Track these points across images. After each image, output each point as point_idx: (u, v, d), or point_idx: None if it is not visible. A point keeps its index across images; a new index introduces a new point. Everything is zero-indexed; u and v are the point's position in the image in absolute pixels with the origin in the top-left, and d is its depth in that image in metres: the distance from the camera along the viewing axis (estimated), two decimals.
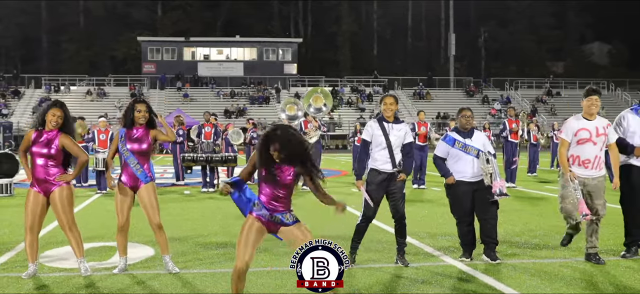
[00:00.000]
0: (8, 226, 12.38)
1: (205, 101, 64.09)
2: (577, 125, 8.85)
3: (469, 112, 9.17)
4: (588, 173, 8.79)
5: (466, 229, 9.12)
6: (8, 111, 59.26)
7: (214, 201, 16.60)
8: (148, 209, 8.29)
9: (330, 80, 71.41)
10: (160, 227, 8.34)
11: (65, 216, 8.12)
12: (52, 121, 8.08)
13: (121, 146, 8.33)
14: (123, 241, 8.38)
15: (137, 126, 8.38)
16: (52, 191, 8.11)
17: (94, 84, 67.35)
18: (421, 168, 20.17)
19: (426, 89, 69.84)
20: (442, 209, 14.49)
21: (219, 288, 7.56)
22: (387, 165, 8.59)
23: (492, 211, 9.02)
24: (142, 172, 8.29)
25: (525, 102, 66.31)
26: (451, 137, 9.17)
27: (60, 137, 8.12)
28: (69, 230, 8.16)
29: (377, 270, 8.48)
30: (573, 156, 8.85)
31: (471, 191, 8.98)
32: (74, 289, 7.57)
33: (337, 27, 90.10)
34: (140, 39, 75.34)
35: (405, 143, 8.73)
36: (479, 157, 8.90)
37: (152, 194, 8.31)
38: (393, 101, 8.75)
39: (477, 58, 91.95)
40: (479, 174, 8.90)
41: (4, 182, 18.22)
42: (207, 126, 20.17)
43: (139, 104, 8.45)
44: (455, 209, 9.23)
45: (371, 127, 8.76)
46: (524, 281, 7.92)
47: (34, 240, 8.11)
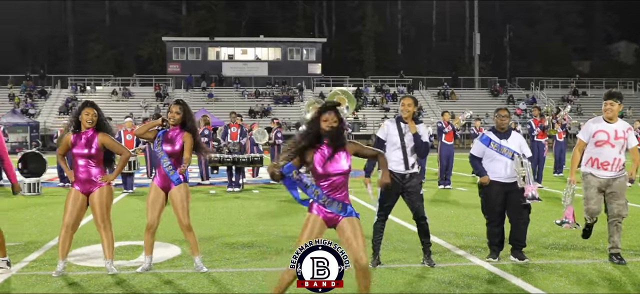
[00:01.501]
0: (36, 225, 12.49)
1: (229, 100, 64.24)
2: (595, 127, 8.85)
3: (504, 111, 9.15)
4: (608, 174, 8.76)
5: (496, 229, 9.08)
6: (35, 110, 59.75)
7: (239, 201, 16.65)
8: (178, 210, 8.33)
9: (354, 80, 71.32)
10: (190, 229, 8.39)
11: (103, 217, 8.22)
12: (87, 120, 8.18)
13: (157, 147, 8.38)
14: (150, 240, 8.43)
15: (172, 127, 8.42)
16: (93, 190, 8.21)
17: (119, 84, 67.70)
18: (448, 168, 20.10)
19: (451, 89, 69.53)
20: (468, 210, 14.46)
21: (245, 288, 7.57)
22: (400, 166, 8.56)
23: (524, 215, 8.98)
24: (174, 174, 8.34)
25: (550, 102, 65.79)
26: (487, 136, 9.16)
27: (99, 137, 8.24)
28: (103, 230, 8.25)
29: (404, 270, 8.47)
30: (592, 158, 8.84)
31: (504, 192, 8.94)
32: (103, 288, 7.62)
33: (361, 26, 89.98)
34: (165, 39, 75.62)
35: (423, 141, 8.70)
36: (513, 158, 8.86)
37: (183, 196, 8.35)
38: (411, 102, 8.73)
39: (502, 57, 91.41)
40: (512, 175, 8.85)
41: (32, 182, 18.37)
42: (233, 127, 20.20)
43: (173, 105, 8.48)
44: (486, 209, 9.19)
45: (387, 127, 8.74)
46: (551, 281, 7.87)
47: (68, 238, 8.19)
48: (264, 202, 16.50)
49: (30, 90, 64.11)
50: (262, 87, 68.19)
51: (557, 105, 63.56)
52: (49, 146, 42.37)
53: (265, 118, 56.60)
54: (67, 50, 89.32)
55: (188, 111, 8.54)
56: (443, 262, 8.91)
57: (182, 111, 8.43)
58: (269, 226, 12.40)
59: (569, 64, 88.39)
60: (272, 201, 16.72)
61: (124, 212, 14.26)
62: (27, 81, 65.88)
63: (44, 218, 13.41)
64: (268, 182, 22.07)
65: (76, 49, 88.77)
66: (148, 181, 21.55)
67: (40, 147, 21.57)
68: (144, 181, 21.70)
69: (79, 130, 8.25)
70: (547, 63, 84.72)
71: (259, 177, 23.82)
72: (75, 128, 8.26)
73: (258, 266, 8.68)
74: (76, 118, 8.25)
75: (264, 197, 17.68)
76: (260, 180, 22.91)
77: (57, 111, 59.16)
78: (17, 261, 8.94)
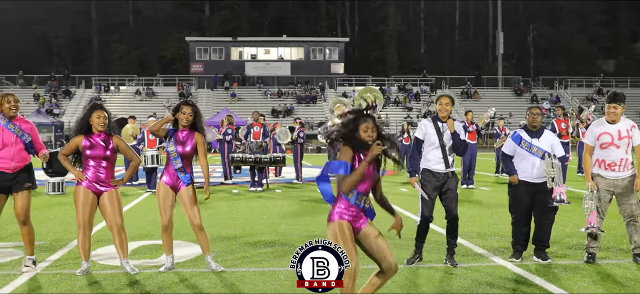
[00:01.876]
0: (60, 224, 12.59)
1: (252, 100, 64.39)
2: (598, 130, 8.83)
3: (536, 110, 9.11)
4: (616, 175, 8.73)
5: (521, 229, 9.03)
6: (59, 110, 60.25)
7: (262, 201, 16.68)
8: (188, 210, 8.37)
9: (377, 79, 71.22)
10: (201, 228, 8.41)
11: (115, 218, 8.26)
12: (100, 124, 8.23)
13: (169, 147, 8.40)
14: (168, 240, 8.46)
15: (182, 128, 8.45)
16: (103, 192, 8.26)
17: (142, 84, 68.06)
18: (470, 168, 20.02)
19: (474, 88, 69.26)
20: (491, 209, 14.39)
21: (268, 287, 7.58)
22: (440, 165, 8.56)
23: (549, 216, 8.95)
24: (185, 175, 8.37)
25: (574, 101, 65.43)
26: (518, 134, 9.14)
27: (115, 139, 8.33)
28: (116, 231, 8.29)
29: (427, 270, 8.45)
30: (599, 160, 8.82)
31: (532, 192, 8.91)
32: (124, 287, 7.65)
33: (384, 26, 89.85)
34: (188, 39, 75.90)
35: (462, 139, 8.70)
36: (544, 158, 8.81)
37: (192, 195, 8.38)
38: (449, 101, 8.73)
39: (526, 56, 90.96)
40: (541, 175, 8.81)
41: (56, 181, 18.49)
42: (256, 126, 20.22)
43: (185, 105, 8.49)
44: (513, 207, 9.16)
45: (425, 126, 8.73)
46: (575, 282, 7.82)
47: (87, 239, 8.24)
48: (286, 201, 16.52)
49: (55, 90, 64.62)
50: (284, 87, 68.28)
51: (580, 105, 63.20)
52: None
53: (287, 118, 56.68)
54: (92, 51, 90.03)
55: (199, 112, 8.57)
56: (466, 262, 8.88)
57: (193, 112, 8.44)
58: (291, 225, 12.41)
59: (593, 62, 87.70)
60: (294, 200, 16.74)
61: (147, 212, 14.34)
62: (51, 81, 66.42)
63: (68, 217, 13.49)
64: (291, 182, 22.10)
65: (100, 49, 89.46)
66: None
67: None
68: None
69: (90, 132, 8.29)
70: (571, 62, 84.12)
71: (282, 176, 23.85)
72: (86, 131, 8.30)
73: (280, 265, 8.68)
74: (86, 121, 8.29)
75: (287, 196, 17.70)
76: (283, 179, 22.94)
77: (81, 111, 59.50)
78: (42, 260, 9.01)
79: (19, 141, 8.30)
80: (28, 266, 8.40)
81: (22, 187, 8.28)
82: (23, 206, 8.30)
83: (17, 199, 8.30)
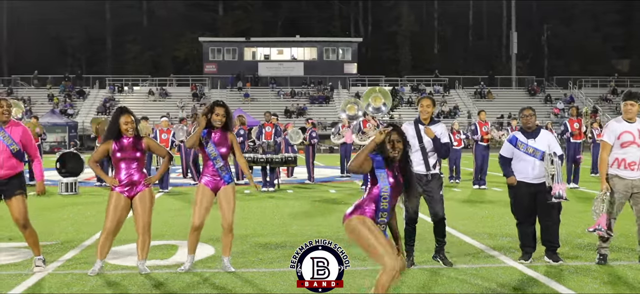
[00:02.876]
0: (73, 224, 12.65)
1: (265, 100, 64.43)
2: (619, 128, 8.75)
3: (528, 110, 9.11)
4: (634, 175, 8.68)
5: (526, 230, 9.04)
6: (73, 111, 60.48)
7: (273, 201, 16.70)
8: (225, 209, 8.40)
9: (390, 79, 71.09)
10: (231, 230, 8.46)
11: (144, 219, 8.33)
12: (129, 130, 8.28)
13: (208, 148, 8.46)
14: (195, 241, 8.50)
15: (215, 130, 8.50)
16: (136, 193, 8.32)
17: (156, 84, 68.17)
18: (482, 168, 20.00)
19: (487, 88, 69.04)
20: (502, 210, 14.36)
21: (278, 288, 7.60)
22: (420, 167, 8.59)
23: (553, 216, 8.93)
24: (227, 173, 8.47)
25: (589, 101, 65.15)
26: (514, 136, 9.16)
27: (145, 140, 8.42)
28: (142, 232, 8.34)
29: (435, 271, 8.44)
30: (618, 159, 8.73)
31: (532, 193, 8.91)
32: (138, 286, 7.70)
33: (397, 26, 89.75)
34: (202, 39, 76.00)
35: (442, 142, 8.70)
36: (543, 159, 8.80)
37: (231, 195, 8.46)
38: (430, 103, 8.84)
39: (540, 56, 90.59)
40: (540, 175, 8.81)
41: (70, 181, 18.61)
42: (267, 126, 20.25)
43: (218, 107, 8.53)
44: (515, 209, 9.19)
45: (405, 130, 8.73)
46: (585, 283, 7.80)
47: (108, 242, 8.29)
48: (298, 202, 16.54)
49: (69, 90, 64.88)
50: (297, 87, 68.30)
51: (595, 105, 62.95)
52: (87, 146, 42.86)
53: (300, 118, 56.70)
54: (105, 52, 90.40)
55: (230, 112, 8.64)
56: (476, 263, 8.88)
57: (226, 113, 8.51)
58: (302, 226, 12.44)
59: (607, 62, 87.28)
60: (306, 201, 16.76)
61: (160, 212, 14.36)
62: (65, 81, 66.69)
63: (81, 217, 13.58)
64: (303, 182, 22.12)
65: (114, 50, 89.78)
66: (183, 181, 21.75)
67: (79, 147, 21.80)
68: (179, 181, 21.86)
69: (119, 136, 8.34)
70: (586, 62, 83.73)
71: (294, 177, 23.87)
72: (116, 136, 8.34)
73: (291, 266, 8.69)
74: (116, 126, 8.32)
75: (298, 197, 17.72)
76: (294, 180, 22.97)
77: (95, 111, 59.77)
78: (54, 260, 9.07)
79: (7, 149, 8.27)
80: (39, 265, 8.45)
81: (13, 194, 8.27)
82: (20, 211, 8.31)
83: (12, 205, 8.30)
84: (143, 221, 8.31)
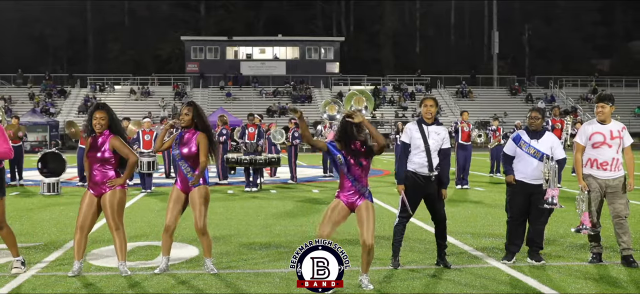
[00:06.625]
0: (56, 225, 12.57)
1: (247, 100, 64.41)
2: (591, 129, 8.99)
3: (535, 113, 9.15)
4: (607, 175, 8.88)
5: (517, 228, 9.07)
6: (55, 110, 60.16)
7: (257, 201, 16.69)
8: (196, 212, 8.33)
9: (372, 78, 71.22)
10: (204, 232, 8.37)
11: (114, 220, 8.25)
12: (96, 126, 8.22)
13: (174, 151, 8.43)
14: (168, 242, 8.45)
15: (185, 130, 8.46)
16: (104, 193, 8.24)
17: (138, 83, 67.98)
18: (465, 168, 20.05)
19: (469, 88, 69.33)
20: (485, 210, 14.43)
21: (262, 288, 7.59)
22: (424, 168, 8.55)
23: (543, 218, 8.98)
24: (193, 176, 8.36)
25: (569, 101, 65.58)
26: (518, 135, 9.23)
27: (111, 140, 8.26)
28: (115, 232, 8.28)
29: (420, 271, 8.46)
30: (591, 159, 8.95)
31: (527, 193, 8.96)
32: (120, 288, 7.66)
33: (379, 25, 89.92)
34: (184, 38, 75.91)
35: (443, 148, 8.69)
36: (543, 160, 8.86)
37: (201, 198, 8.35)
38: (433, 103, 8.72)
39: (521, 56, 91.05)
40: (539, 177, 8.85)
41: (51, 181, 18.50)
42: (250, 127, 20.22)
43: (183, 106, 8.50)
44: (509, 206, 9.21)
45: (410, 130, 8.71)
46: (568, 283, 7.85)
47: (83, 239, 8.24)
48: (281, 202, 16.53)
49: (50, 89, 64.54)
50: (280, 86, 68.28)
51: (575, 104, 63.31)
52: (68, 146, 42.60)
53: (283, 117, 56.70)
54: (87, 51, 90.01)
55: (198, 111, 8.54)
56: (459, 263, 8.91)
57: (191, 112, 8.42)
58: (286, 226, 12.44)
59: (588, 62, 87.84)
60: (289, 201, 16.76)
61: (143, 213, 14.34)
62: (47, 80, 66.34)
63: (64, 218, 13.50)
64: (285, 182, 22.12)
65: (96, 49, 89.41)
66: (167, 181, 21.71)
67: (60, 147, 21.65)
68: (162, 181, 21.81)
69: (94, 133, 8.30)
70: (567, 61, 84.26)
71: (277, 177, 23.86)
72: (91, 131, 8.31)
73: (275, 267, 8.70)
74: (90, 121, 8.29)
75: (282, 197, 17.71)
76: (278, 180, 22.96)
77: (76, 110, 59.51)
78: (37, 261, 9.02)
79: None
80: (17, 267, 8.38)
81: None
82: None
83: None
84: (114, 222, 8.24)
